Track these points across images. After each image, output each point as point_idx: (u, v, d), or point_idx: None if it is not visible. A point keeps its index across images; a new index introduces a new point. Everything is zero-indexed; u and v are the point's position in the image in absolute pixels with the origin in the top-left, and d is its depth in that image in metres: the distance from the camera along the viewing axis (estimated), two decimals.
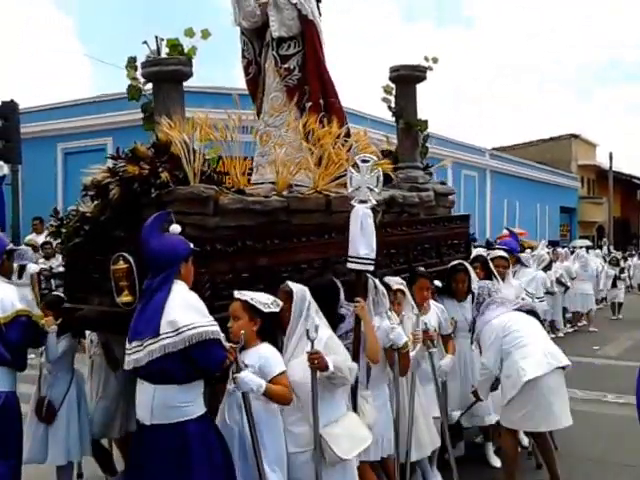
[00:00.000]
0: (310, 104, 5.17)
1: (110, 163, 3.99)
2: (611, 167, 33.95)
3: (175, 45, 4.43)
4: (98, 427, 4.50)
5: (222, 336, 3.15)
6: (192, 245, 3.33)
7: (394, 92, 6.41)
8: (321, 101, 5.25)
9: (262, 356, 3.29)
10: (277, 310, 3.37)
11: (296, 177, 4.78)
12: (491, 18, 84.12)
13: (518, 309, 4.76)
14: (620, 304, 15.72)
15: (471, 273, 5.36)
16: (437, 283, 5.13)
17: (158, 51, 4.47)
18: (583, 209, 36.35)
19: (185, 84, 4.53)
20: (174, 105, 4.27)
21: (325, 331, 3.47)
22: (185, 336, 3.02)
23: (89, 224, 3.95)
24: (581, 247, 19.25)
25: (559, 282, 13.13)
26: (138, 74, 4.54)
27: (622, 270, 17.75)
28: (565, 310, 13.68)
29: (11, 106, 12.55)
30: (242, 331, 3.23)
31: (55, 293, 4.67)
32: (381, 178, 4.01)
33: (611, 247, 24.93)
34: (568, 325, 13.69)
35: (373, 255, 3.92)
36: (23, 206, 12.91)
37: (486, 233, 21.72)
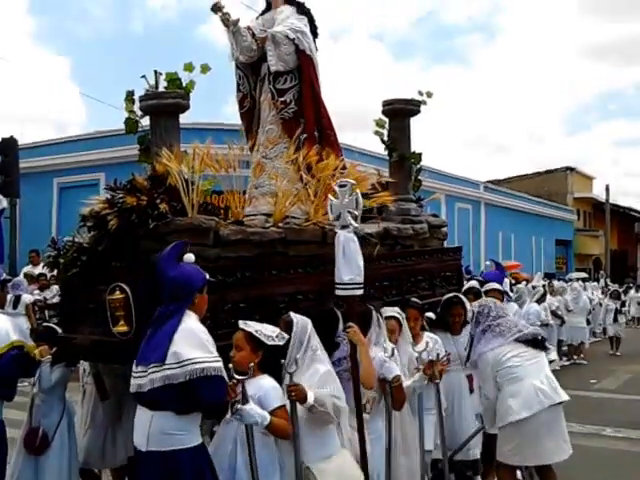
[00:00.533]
0: (305, 136, 5.23)
1: (107, 195, 4.02)
2: (608, 200, 34.14)
3: (174, 79, 4.51)
4: (84, 456, 4.47)
5: (224, 373, 3.13)
6: (207, 275, 3.35)
7: (387, 125, 6.47)
8: (316, 133, 5.32)
9: (262, 388, 3.28)
10: (281, 344, 3.36)
11: (292, 209, 4.80)
12: (487, 56, 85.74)
13: (517, 339, 4.58)
14: (619, 340, 15.24)
15: (467, 306, 5.24)
16: (430, 315, 5.10)
17: (156, 85, 4.54)
18: (579, 242, 36.43)
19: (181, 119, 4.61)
20: (171, 138, 4.32)
21: (323, 365, 3.46)
22: (187, 370, 3.03)
23: (86, 254, 3.96)
24: (577, 279, 19.29)
25: (555, 314, 13.14)
26: (135, 107, 4.60)
27: (623, 304, 17.34)
28: (561, 343, 13.66)
29: (11, 142, 12.73)
30: (251, 364, 3.22)
31: (47, 324, 4.69)
32: (360, 200, 3.99)
33: (608, 280, 24.93)
34: (564, 358, 13.66)
35: (359, 279, 3.88)
36: (20, 238, 12.98)
37: (480, 266, 21.71)
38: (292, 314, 3.58)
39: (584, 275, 25.66)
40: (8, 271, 12.41)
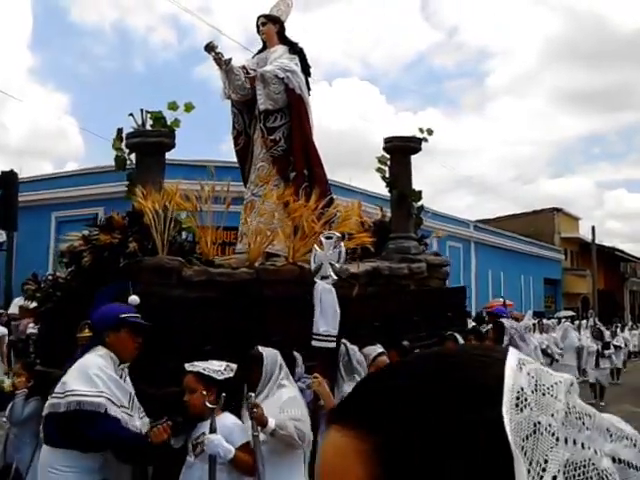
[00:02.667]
0: (294, 174, 5.25)
1: (85, 231, 4.08)
2: (594, 240, 34.31)
3: (159, 118, 4.56)
4: None
5: (105, 410, 2.96)
6: (138, 317, 3.25)
7: (388, 163, 6.46)
8: (305, 171, 5.34)
9: (226, 426, 3.17)
10: (231, 375, 3.27)
11: (277, 247, 4.77)
12: (479, 102, 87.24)
13: None
14: (603, 389, 13.04)
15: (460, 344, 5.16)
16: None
17: (143, 123, 4.60)
18: (567, 281, 36.44)
19: (169, 156, 4.66)
20: (154, 175, 4.35)
21: (289, 391, 3.39)
22: (67, 400, 2.95)
23: (61, 290, 3.95)
24: (566, 318, 19.22)
25: (545, 353, 13.04)
26: (125, 145, 4.67)
27: (607, 345, 13.88)
28: None
29: (11, 176, 12.77)
30: (208, 404, 3.07)
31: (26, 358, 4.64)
32: (343, 254, 3.97)
33: (596, 319, 24.92)
34: None
35: (334, 332, 3.84)
36: (16, 271, 12.91)
37: (472, 304, 21.70)
38: (260, 347, 3.50)
39: (572, 314, 25.62)
40: (3, 303, 12.38)
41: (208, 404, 3.07)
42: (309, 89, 5.64)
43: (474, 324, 6.30)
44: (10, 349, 9.91)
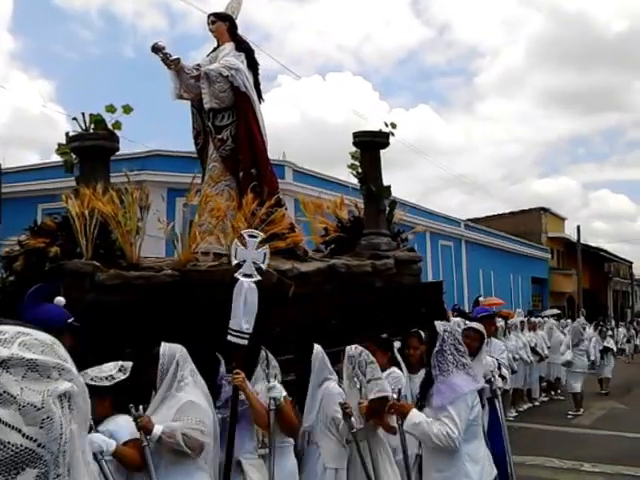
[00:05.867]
0: (242, 174, 5.14)
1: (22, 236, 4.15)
2: (579, 240, 34.26)
3: (99, 121, 4.57)
4: None
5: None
6: (72, 320, 3.22)
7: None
8: (253, 170, 5.21)
9: (117, 423, 3.15)
10: (124, 376, 3.19)
11: (217, 247, 4.72)
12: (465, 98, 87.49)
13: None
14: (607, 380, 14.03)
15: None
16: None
17: (87, 127, 4.60)
18: (554, 280, 36.38)
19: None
20: (97, 178, 4.36)
21: (187, 395, 3.24)
22: None
23: (1, 293, 3.95)
24: (551, 316, 19.10)
25: (534, 351, 12.84)
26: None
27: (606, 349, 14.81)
28: (541, 379, 13.35)
29: None
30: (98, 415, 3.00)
31: None
32: (268, 255, 3.88)
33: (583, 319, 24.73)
34: (543, 394, 13.42)
35: (251, 330, 3.76)
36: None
37: (464, 302, 21.48)
38: (163, 344, 3.37)
39: (557, 312, 25.47)
40: None
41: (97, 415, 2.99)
42: (259, 87, 5.53)
43: (459, 321, 6.03)
44: None
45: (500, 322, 11.52)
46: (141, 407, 3.14)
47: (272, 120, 6.65)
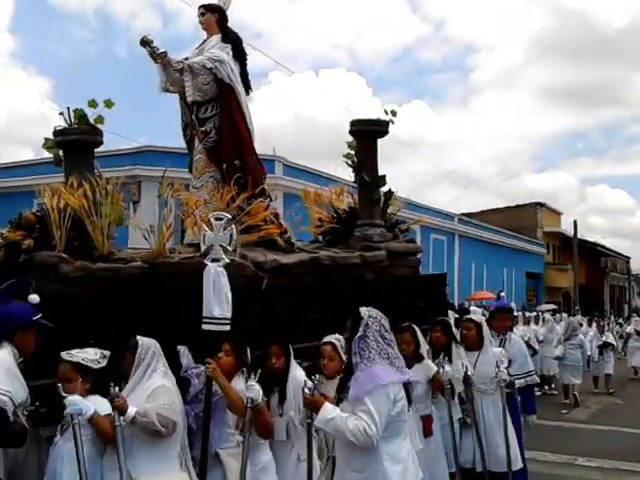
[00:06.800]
0: (225, 165, 5.11)
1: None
2: (576, 235, 34.13)
3: (82, 115, 4.62)
4: None
5: (10, 408, 2.99)
6: (38, 317, 3.27)
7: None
8: (237, 162, 5.16)
9: (95, 401, 3.24)
10: (105, 364, 3.34)
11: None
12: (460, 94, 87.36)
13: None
14: (608, 376, 13.84)
15: (418, 337, 4.59)
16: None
17: (70, 122, 4.65)
18: (549, 275, 36.27)
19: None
20: (80, 172, 4.40)
21: (159, 380, 3.34)
22: None
23: None
24: (547, 311, 19.02)
25: (528, 345, 12.69)
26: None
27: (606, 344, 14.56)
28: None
29: None
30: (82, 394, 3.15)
31: None
32: (235, 236, 3.83)
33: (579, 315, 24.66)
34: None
35: (228, 315, 3.67)
36: None
37: (454, 296, 21.33)
38: (138, 337, 3.43)
39: (553, 307, 25.38)
40: None
41: (82, 394, 3.16)
42: (246, 77, 5.48)
43: (456, 316, 5.83)
44: None
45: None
46: (117, 388, 3.23)
47: (264, 118, 6.54)
